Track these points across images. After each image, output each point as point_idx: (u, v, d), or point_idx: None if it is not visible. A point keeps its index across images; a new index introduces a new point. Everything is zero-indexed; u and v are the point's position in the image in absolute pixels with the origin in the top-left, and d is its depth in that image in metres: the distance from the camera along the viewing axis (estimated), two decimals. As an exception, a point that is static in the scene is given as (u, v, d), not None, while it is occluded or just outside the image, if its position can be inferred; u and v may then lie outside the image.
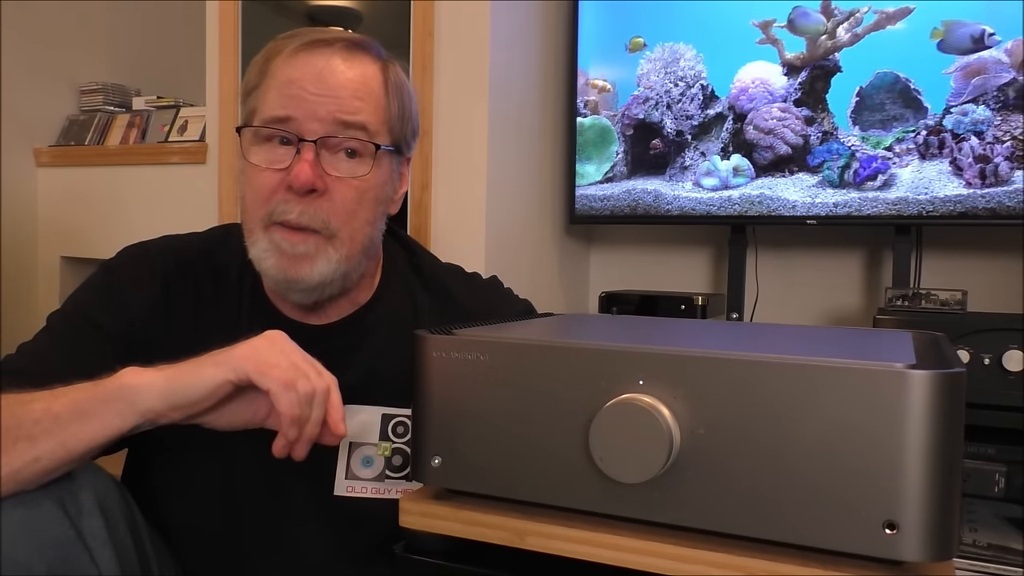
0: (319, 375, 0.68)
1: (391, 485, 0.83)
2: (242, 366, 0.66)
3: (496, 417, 0.57)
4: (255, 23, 2.00)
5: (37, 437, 0.64)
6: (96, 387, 0.66)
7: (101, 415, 0.65)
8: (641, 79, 1.90)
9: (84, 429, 0.65)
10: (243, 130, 0.82)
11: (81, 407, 0.65)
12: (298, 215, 0.79)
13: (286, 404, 0.66)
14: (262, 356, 0.66)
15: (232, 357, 0.66)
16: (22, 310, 2.48)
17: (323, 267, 0.80)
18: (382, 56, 0.85)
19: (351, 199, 0.81)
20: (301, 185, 0.77)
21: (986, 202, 1.60)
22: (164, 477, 0.84)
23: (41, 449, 0.64)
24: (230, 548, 0.84)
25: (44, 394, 0.66)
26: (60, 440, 0.64)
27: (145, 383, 0.66)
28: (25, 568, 0.62)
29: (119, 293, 0.83)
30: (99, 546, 0.67)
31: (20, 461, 0.64)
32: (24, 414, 0.65)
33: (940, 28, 1.60)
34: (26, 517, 0.63)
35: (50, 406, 0.65)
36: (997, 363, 1.35)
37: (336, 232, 0.80)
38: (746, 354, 0.51)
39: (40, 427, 0.64)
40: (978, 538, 1.32)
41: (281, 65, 0.81)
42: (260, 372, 0.65)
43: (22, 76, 2.51)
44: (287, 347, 0.69)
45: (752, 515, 0.50)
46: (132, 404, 0.65)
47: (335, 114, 0.79)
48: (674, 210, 1.89)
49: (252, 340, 0.69)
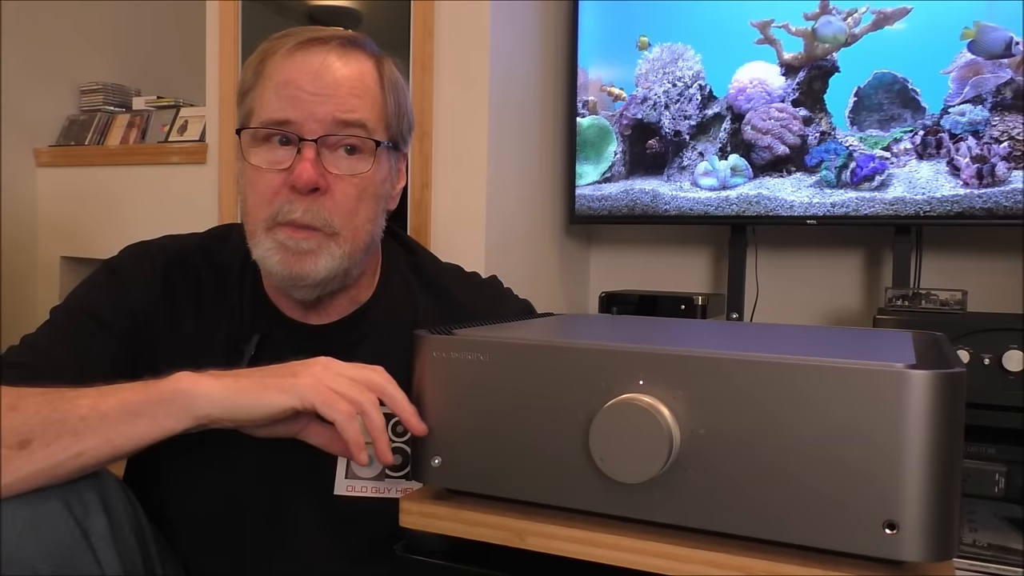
0: (374, 407, 0.68)
1: (391, 484, 0.83)
2: (309, 396, 0.66)
3: (496, 417, 0.57)
4: (255, 23, 2.00)
5: (82, 433, 0.64)
6: (148, 388, 0.66)
7: (155, 416, 0.65)
8: (639, 79, 1.90)
9: (134, 429, 0.65)
10: (242, 132, 0.82)
11: (131, 407, 0.65)
12: (302, 214, 0.79)
13: (352, 434, 0.66)
14: (327, 386, 0.66)
15: (298, 386, 0.66)
16: (22, 310, 2.48)
17: (327, 263, 0.80)
18: (375, 53, 0.85)
19: (352, 196, 0.81)
20: (304, 185, 0.78)
21: (983, 202, 1.60)
22: (166, 477, 0.84)
23: (86, 445, 0.64)
24: (231, 547, 0.84)
25: (90, 391, 0.67)
26: (107, 437, 0.65)
27: (204, 391, 0.66)
28: (29, 567, 0.62)
29: (121, 290, 0.83)
30: (103, 546, 0.67)
31: (64, 455, 0.64)
32: (69, 409, 0.65)
33: (972, 28, 1.59)
34: (32, 516, 0.63)
35: (97, 403, 0.65)
36: (997, 363, 1.35)
37: (339, 230, 0.81)
38: (746, 354, 0.50)
39: (86, 423, 0.65)
40: (978, 538, 1.32)
41: (277, 65, 0.80)
42: (327, 404, 0.66)
43: (22, 76, 2.51)
44: (343, 371, 0.69)
45: (752, 515, 0.50)
46: (187, 409, 0.66)
47: (333, 113, 0.79)
48: (672, 210, 1.89)
49: (310, 367, 0.68)
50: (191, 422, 0.66)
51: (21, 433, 0.63)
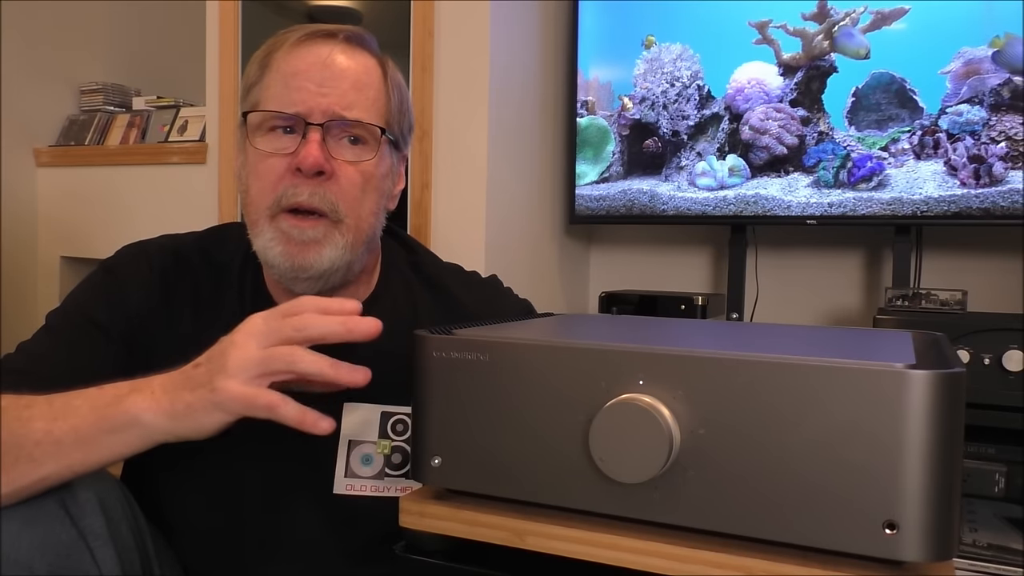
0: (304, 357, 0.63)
1: (391, 483, 0.83)
2: (234, 408, 0.63)
3: (496, 417, 0.57)
4: (255, 23, 2.00)
5: (40, 460, 0.64)
6: (97, 415, 0.64)
7: (108, 444, 0.64)
8: (638, 79, 1.90)
9: (88, 456, 0.65)
10: (248, 118, 0.82)
11: (83, 435, 0.64)
12: (308, 196, 0.79)
13: (291, 417, 0.63)
14: (244, 383, 0.62)
15: (220, 402, 0.62)
16: (22, 310, 2.48)
17: (330, 253, 0.80)
18: (378, 53, 0.86)
19: (357, 183, 0.82)
20: (310, 166, 0.78)
21: (980, 202, 1.60)
22: (164, 476, 0.84)
23: (47, 471, 0.64)
24: (230, 546, 0.84)
25: (43, 411, 0.65)
26: (65, 464, 0.64)
27: (151, 417, 0.64)
28: (26, 568, 0.62)
29: (118, 291, 0.83)
30: (100, 546, 0.67)
31: (26, 480, 0.63)
32: (25, 434, 0.64)
33: (1002, 39, 1.58)
34: (27, 517, 0.63)
35: (51, 429, 0.64)
36: (997, 363, 1.35)
37: (343, 217, 0.81)
38: (746, 354, 0.50)
39: (41, 449, 0.64)
40: (978, 538, 1.32)
41: (283, 57, 0.81)
42: (251, 407, 0.62)
43: (22, 76, 2.51)
44: (252, 346, 0.64)
45: (752, 515, 0.50)
46: (141, 436, 0.65)
47: (335, 106, 0.80)
48: (669, 210, 1.89)
49: (224, 364, 0.63)
50: (149, 445, 0.65)
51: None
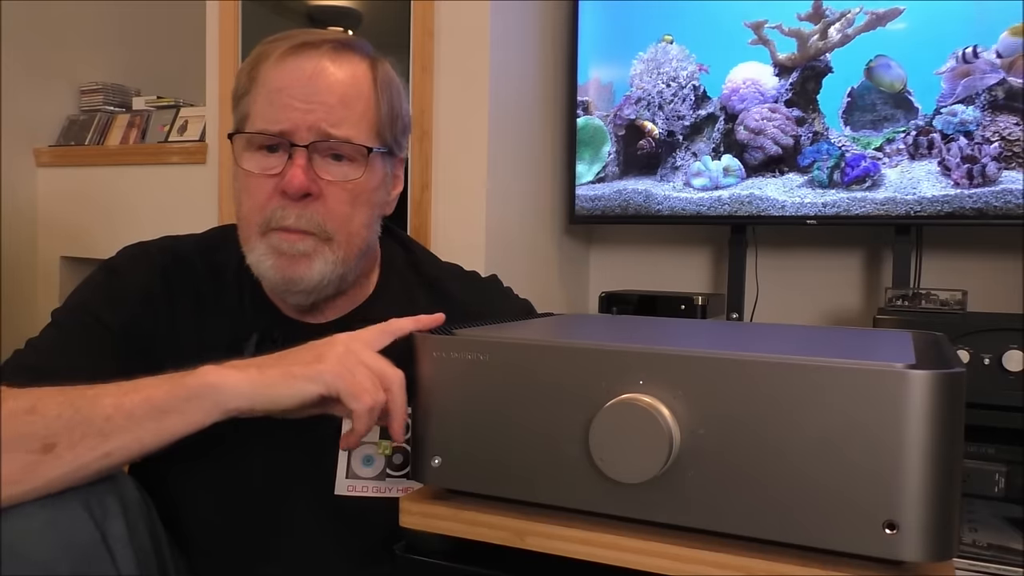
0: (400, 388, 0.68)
1: (392, 484, 0.83)
2: (335, 384, 0.65)
3: (496, 417, 0.57)
4: (255, 23, 2.00)
5: (109, 433, 0.64)
6: (172, 383, 0.66)
7: (183, 411, 0.65)
8: (634, 79, 1.90)
9: (162, 425, 0.65)
10: (235, 137, 0.82)
11: (159, 404, 0.65)
12: (295, 220, 0.79)
13: (364, 426, 0.66)
14: (351, 375, 0.66)
15: (323, 372, 0.66)
16: (22, 310, 2.48)
17: (321, 267, 0.80)
18: (370, 54, 0.85)
19: (345, 202, 0.81)
20: (295, 191, 0.78)
21: (973, 202, 1.60)
22: (168, 477, 0.84)
23: (114, 445, 0.64)
24: (230, 547, 0.84)
25: (110, 388, 0.66)
26: (136, 436, 0.64)
27: (232, 384, 0.65)
28: (49, 569, 0.62)
29: (120, 290, 0.83)
30: (121, 548, 0.67)
31: (90, 456, 0.64)
32: (92, 410, 0.64)
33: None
34: (52, 518, 0.63)
35: (121, 402, 0.65)
36: (997, 363, 1.35)
37: (332, 235, 0.81)
38: (746, 354, 0.50)
39: (112, 423, 0.64)
40: (978, 538, 1.32)
41: (269, 71, 0.80)
42: (352, 395, 0.65)
43: (22, 76, 2.51)
44: (365, 358, 0.68)
45: (752, 515, 0.50)
46: (218, 403, 0.65)
47: (323, 123, 0.79)
48: (664, 210, 1.89)
49: (334, 347, 0.68)
50: (221, 415, 0.66)
51: (44, 437, 0.63)
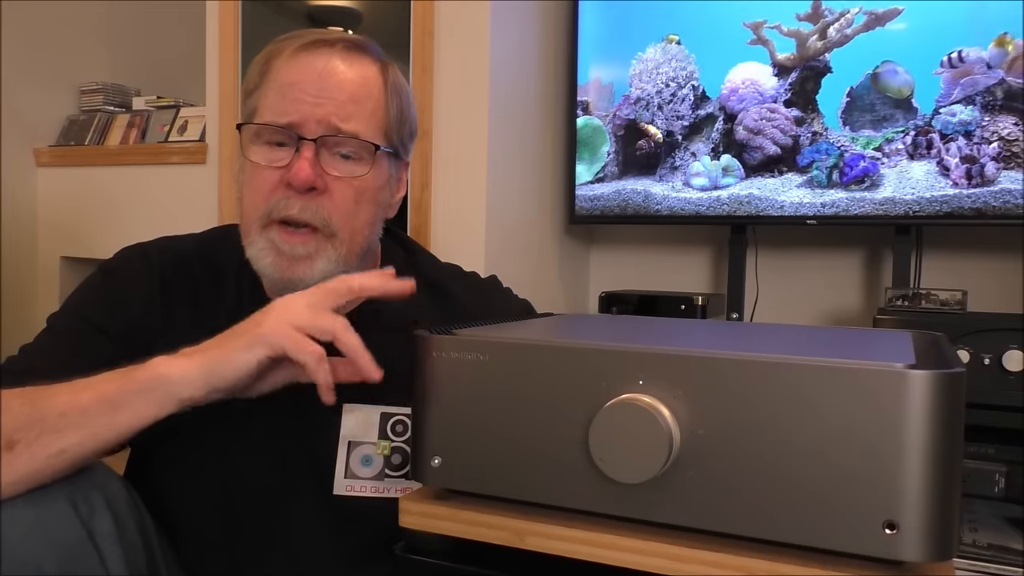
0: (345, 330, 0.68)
1: (391, 484, 0.83)
2: (277, 342, 0.66)
3: (496, 417, 0.57)
4: (255, 23, 2.00)
5: (64, 430, 0.64)
6: (125, 377, 0.66)
7: (135, 405, 0.65)
8: (633, 80, 1.90)
9: (115, 420, 0.65)
10: (243, 128, 0.82)
11: (111, 399, 0.65)
12: (299, 210, 0.79)
13: (323, 376, 0.66)
14: (291, 331, 0.66)
15: (264, 334, 0.66)
16: (22, 310, 2.48)
17: (323, 266, 0.80)
18: (381, 57, 0.85)
19: (350, 198, 0.81)
20: (301, 183, 0.78)
21: (971, 202, 1.60)
22: (165, 476, 0.84)
23: (68, 441, 0.64)
24: (229, 547, 0.83)
25: (65, 386, 0.66)
26: (90, 431, 0.64)
27: (180, 372, 0.66)
28: (35, 567, 0.62)
29: (117, 293, 0.83)
30: (108, 546, 0.67)
31: (45, 453, 0.63)
32: (47, 407, 0.65)
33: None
34: (38, 516, 0.63)
35: (75, 398, 0.65)
36: (997, 363, 1.35)
37: (336, 231, 0.81)
38: (746, 354, 0.50)
39: (66, 420, 0.64)
40: (978, 538, 1.32)
41: (282, 66, 0.81)
42: (296, 348, 0.66)
43: (22, 76, 2.51)
44: (300, 314, 0.68)
45: (752, 515, 0.50)
46: (170, 394, 0.65)
47: (332, 119, 0.79)
48: (663, 210, 1.89)
49: (271, 311, 0.68)
50: (176, 406, 0.66)
51: (7, 435, 0.63)
